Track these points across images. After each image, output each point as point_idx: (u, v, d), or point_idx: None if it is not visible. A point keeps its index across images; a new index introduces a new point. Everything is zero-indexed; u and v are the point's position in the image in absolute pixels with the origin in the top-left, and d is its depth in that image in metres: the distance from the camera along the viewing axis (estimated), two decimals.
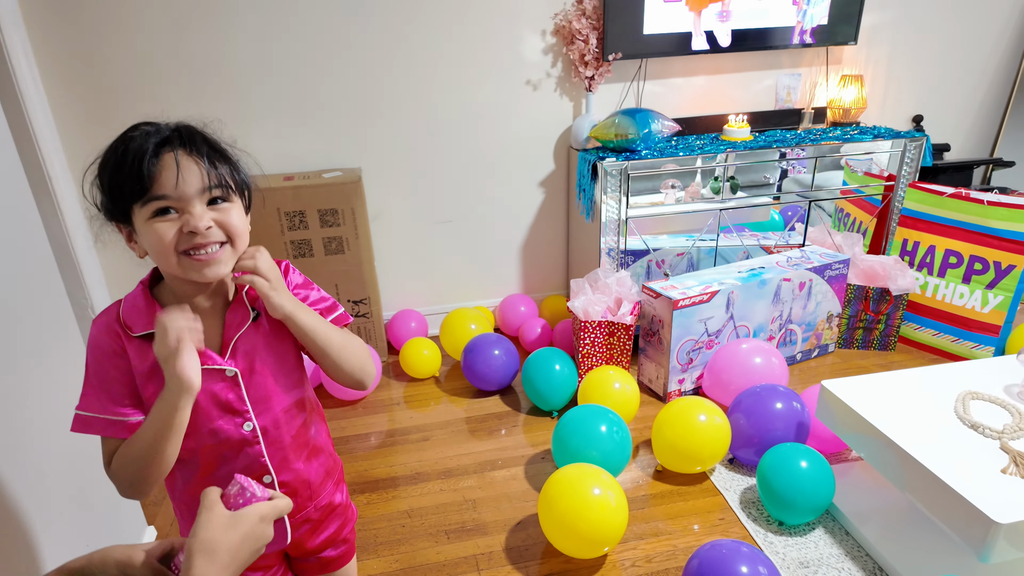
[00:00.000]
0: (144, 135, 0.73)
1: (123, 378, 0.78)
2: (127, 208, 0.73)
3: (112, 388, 0.77)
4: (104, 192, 0.74)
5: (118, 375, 0.78)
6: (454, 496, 1.74)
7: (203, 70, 2.13)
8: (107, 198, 0.74)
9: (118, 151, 0.72)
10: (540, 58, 2.35)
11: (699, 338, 2.08)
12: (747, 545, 1.31)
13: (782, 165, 2.41)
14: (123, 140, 0.73)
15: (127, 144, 0.72)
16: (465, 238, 2.59)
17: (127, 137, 0.73)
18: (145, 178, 0.71)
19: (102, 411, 0.77)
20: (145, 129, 0.74)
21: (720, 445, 1.72)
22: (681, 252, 2.41)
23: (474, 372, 2.20)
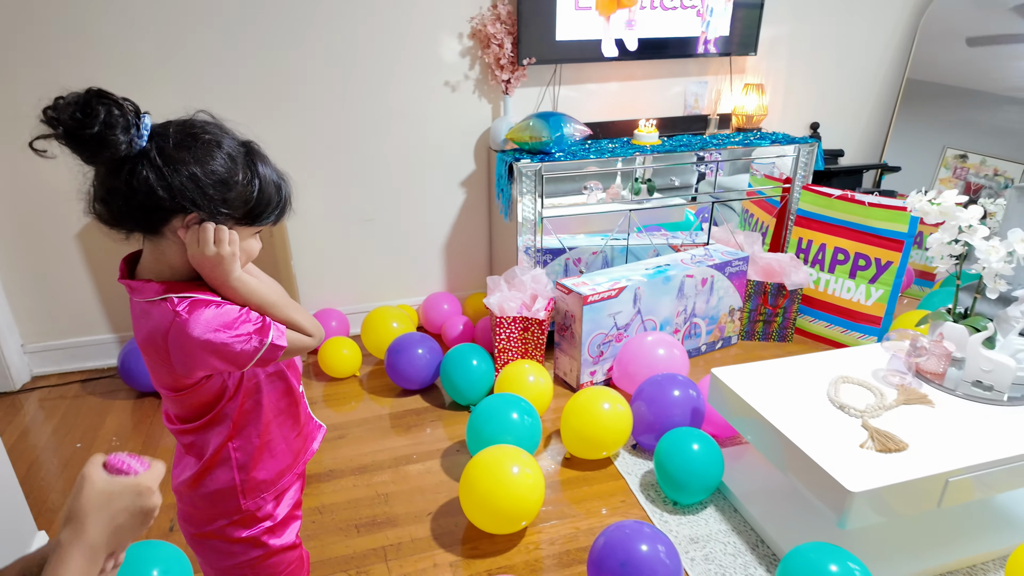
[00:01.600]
0: (279, 182, 0.88)
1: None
2: (246, 221, 0.85)
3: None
4: (239, 204, 0.82)
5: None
6: (367, 491, 1.77)
7: (104, 58, 2.06)
8: (240, 209, 0.83)
9: (267, 181, 0.85)
10: (458, 60, 2.40)
11: (609, 332, 2.18)
12: (648, 526, 1.39)
13: (699, 168, 2.54)
14: (270, 173, 0.86)
15: (276, 182, 0.87)
16: (387, 237, 2.61)
17: (277, 173, 0.88)
18: (282, 215, 0.90)
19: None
20: (279, 173, 0.89)
21: (622, 431, 1.82)
22: (596, 251, 2.51)
23: (398, 372, 2.22)
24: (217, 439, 0.90)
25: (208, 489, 0.92)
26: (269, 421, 0.94)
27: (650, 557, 1.32)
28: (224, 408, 0.89)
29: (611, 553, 1.35)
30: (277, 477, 0.97)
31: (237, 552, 0.96)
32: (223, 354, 0.81)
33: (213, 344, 0.80)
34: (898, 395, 1.59)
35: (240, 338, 0.81)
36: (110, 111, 0.72)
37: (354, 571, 1.50)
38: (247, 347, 0.82)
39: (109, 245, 2.26)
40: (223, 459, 0.91)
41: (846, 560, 1.28)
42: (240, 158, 0.82)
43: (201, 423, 0.89)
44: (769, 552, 1.56)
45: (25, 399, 2.26)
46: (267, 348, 0.83)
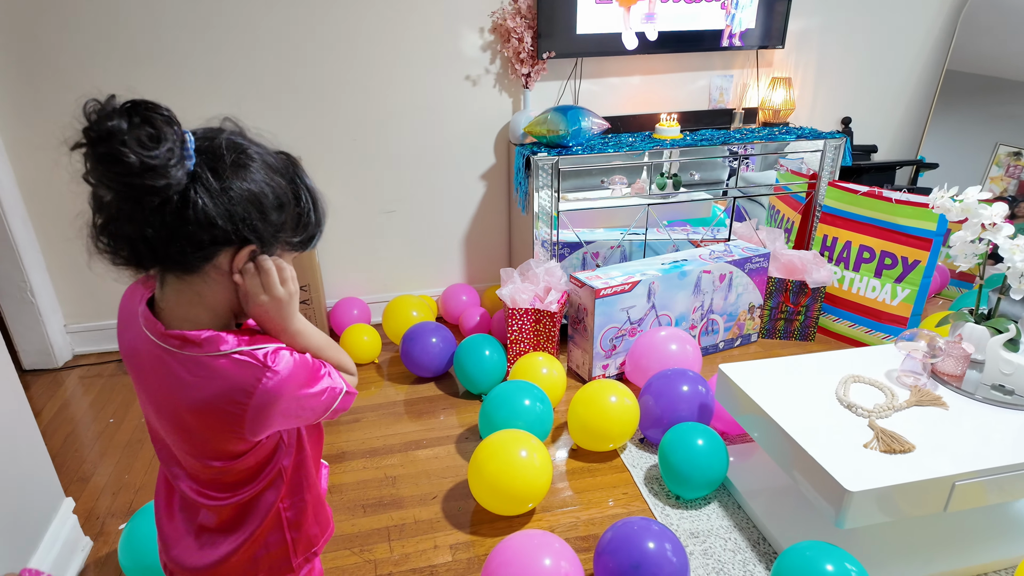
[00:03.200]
0: (319, 195, 0.78)
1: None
2: (300, 246, 0.76)
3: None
4: (293, 227, 0.73)
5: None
6: (376, 474, 1.82)
7: (135, 52, 2.16)
8: (295, 233, 0.73)
9: (317, 201, 0.76)
10: (479, 54, 2.43)
11: (622, 326, 2.18)
12: (657, 523, 1.38)
13: (731, 164, 2.51)
14: (315, 192, 0.77)
15: (320, 200, 0.78)
16: (409, 228, 2.66)
17: (317, 191, 0.77)
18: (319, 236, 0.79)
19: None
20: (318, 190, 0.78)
21: (628, 425, 1.82)
22: (614, 245, 2.51)
23: (412, 359, 2.27)
24: (269, 500, 0.78)
25: (255, 557, 0.79)
26: (311, 468, 0.84)
27: (662, 558, 1.31)
28: (280, 463, 0.78)
29: (622, 552, 1.33)
30: (325, 524, 0.89)
31: None
32: (306, 410, 0.72)
33: (301, 400, 0.70)
34: (911, 396, 1.55)
35: (322, 392, 0.73)
36: (174, 133, 0.60)
37: (358, 549, 1.55)
38: (324, 400, 0.73)
39: None
40: (274, 522, 0.80)
41: (843, 560, 1.26)
42: (287, 173, 0.72)
43: (256, 486, 0.77)
44: (770, 550, 1.55)
45: (66, 376, 2.40)
46: (342, 398, 0.76)
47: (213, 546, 0.78)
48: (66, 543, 1.48)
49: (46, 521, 1.45)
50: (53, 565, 1.42)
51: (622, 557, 1.32)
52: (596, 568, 1.37)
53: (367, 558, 1.53)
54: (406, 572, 1.49)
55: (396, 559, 1.52)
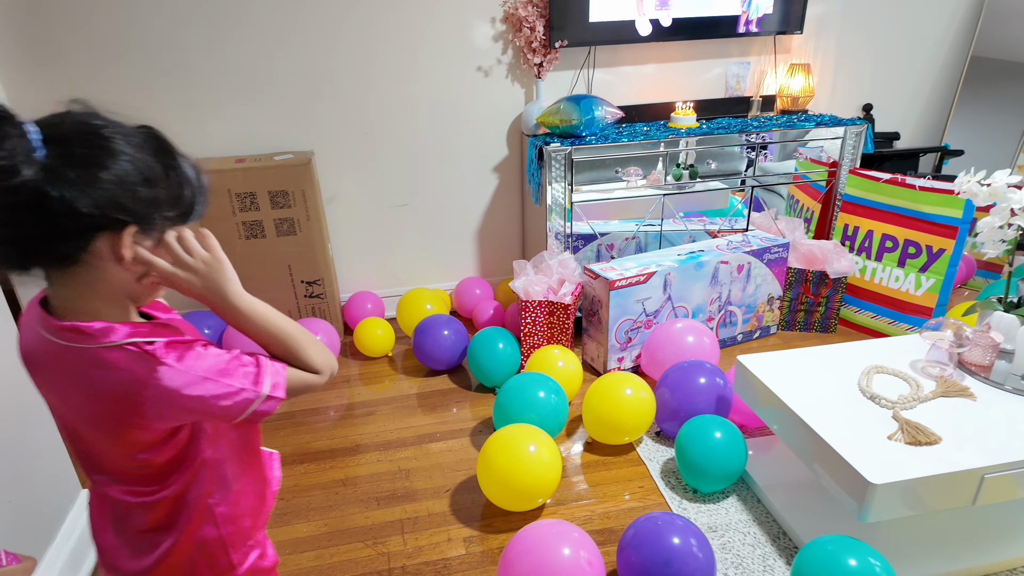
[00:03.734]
0: (193, 164, 0.73)
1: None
2: (181, 219, 0.71)
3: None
4: (171, 201, 0.69)
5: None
6: (389, 466, 1.81)
7: (154, 54, 2.17)
8: (174, 207, 0.69)
9: (189, 169, 0.71)
10: (490, 45, 2.40)
11: (637, 318, 2.15)
12: (681, 518, 1.35)
13: (748, 155, 2.46)
14: (184, 160, 0.71)
15: (195, 167, 0.72)
16: (421, 222, 2.65)
17: (188, 159, 0.71)
18: (202, 204, 0.73)
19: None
20: (190, 158, 0.73)
21: (644, 418, 1.79)
22: (628, 237, 2.48)
23: (424, 352, 2.26)
24: (197, 493, 0.75)
25: (192, 559, 0.77)
26: (240, 459, 0.81)
27: (689, 554, 1.28)
28: (202, 454, 0.74)
29: (648, 548, 1.29)
30: (260, 514, 0.86)
31: None
32: (213, 409, 0.68)
33: (205, 401, 0.67)
34: (936, 387, 1.51)
35: (232, 394, 0.69)
36: (13, 130, 0.58)
37: (371, 541, 1.55)
38: (234, 404, 0.69)
39: None
40: (205, 517, 0.77)
41: (866, 554, 1.23)
42: (149, 147, 0.67)
43: (182, 477, 0.74)
44: (790, 544, 1.51)
45: None
46: (260, 403, 0.71)
47: (150, 548, 0.76)
48: (83, 535, 1.49)
49: (62, 513, 1.46)
50: (70, 556, 1.43)
51: (650, 553, 1.28)
52: (620, 563, 1.34)
53: (380, 551, 1.52)
54: (419, 565, 1.48)
55: (409, 552, 1.51)
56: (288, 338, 0.76)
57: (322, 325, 2.31)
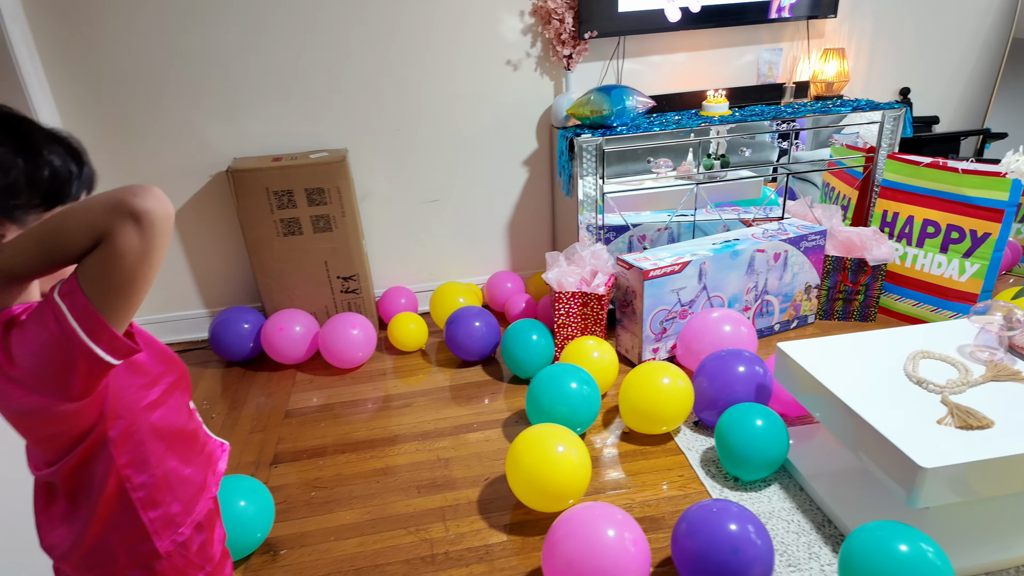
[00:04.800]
0: (64, 140, 0.69)
1: None
2: (46, 205, 0.67)
3: None
4: (28, 187, 0.65)
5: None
6: (428, 456, 1.84)
7: (195, 57, 2.23)
8: (33, 193, 0.66)
9: (53, 149, 0.67)
10: (519, 38, 2.41)
11: (672, 308, 2.14)
12: (736, 505, 1.32)
13: (779, 144, 2.43)
14: (47, 140, 0.67)
15: (63, 145, 0.68)
16: (452, 217, 2.67)
17: (57, 136, 0.68)
18: (78, 184, 0.69)
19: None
20: (61, 135, 0.69)
21: (682, 407, 1.78)
22: (661, 227, 2.46)
23: (456, 343, 2.28)
24: (102, 472, 0.71)
25: (110, 542, 0.74)
26: (170, 444, 0.78)
27: (749, 541, 1.26)
28: (103, 432, 0.70)
29: (707, 535, 1.27)
30: (190, 502, 0.81)
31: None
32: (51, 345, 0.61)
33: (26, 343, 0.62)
34: (986, 371, 1.47)
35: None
36: None
37: (413, 528, 1.57)
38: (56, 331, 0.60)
39: (203, 228, 2.46)
40: (120, 500, 0.73)
41: (918, 540, 1.20)
42: (3, 133, 0.64)
43: (76, 454, 0.69)
44: (836, 532, 1.49)
45: None
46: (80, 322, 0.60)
47: (71, 525, 0.74)
48: None
49: None
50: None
51: (713, 540, 1.25)
52: (677, 550, 1.32)
53: (423, 537, 1.54)
54: (462, 551, 1.49)
55: (452, 539, 1.53)
56: (44, 240, 0.60)
57: (358, 319, 2.34)
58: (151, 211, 0.57)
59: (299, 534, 1.57)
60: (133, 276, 0.59)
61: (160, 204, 0.58)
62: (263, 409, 2.12)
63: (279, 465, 1.83)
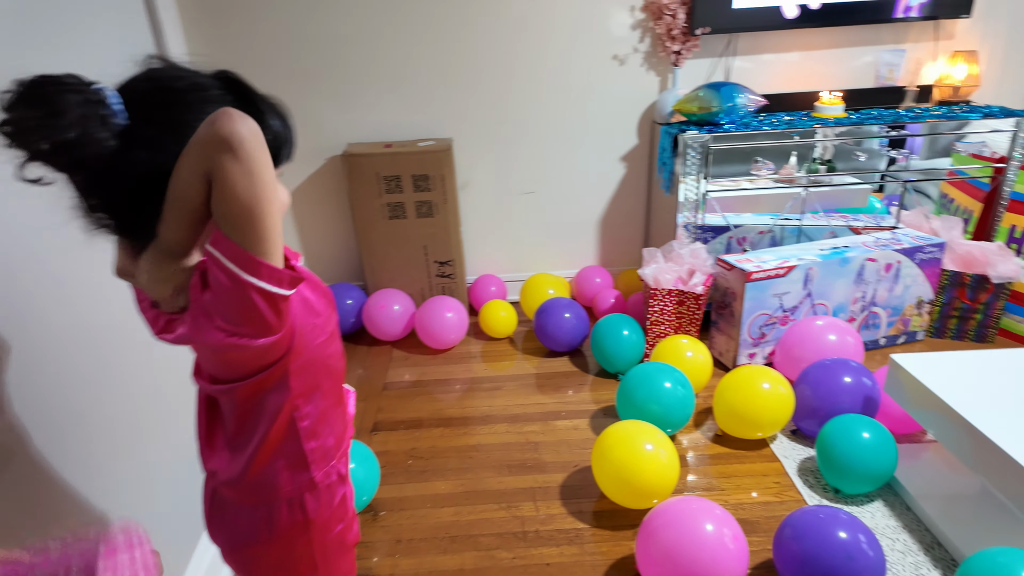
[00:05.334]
0: (279, 108, 0.74)
1: None
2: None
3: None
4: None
5: None
6: (518, 438, 1.88)
7: (319, 46, 2.36)
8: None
9: (272, 113, 0.72)
10: (627, 33, 2.41)
11: (773, 313, 2.08)
12: (845, 512, 1.29)
13: (888, 153, 2.31)
14: (266, 105, 0.71)
15: (276, 112, 0.73)
16: (546, 210, 2.70)
17: (271, 102, 0.72)
18: (288, 148, 0.75)
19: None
20: (273, 101, 0.73)
21: (782, 413, 1.74)
22: (763, 230, 2.40)
23: (545, 333, 2.32)
24: (276, 402, 0.76)
25: (276, 467, 0.79)
26: (326, 379, 0.82)
27: (861, 550, 1.22)
28: (286, 365, 0.74)
29: (815, 540, 1.24)
30: (340, 438, 0.87)
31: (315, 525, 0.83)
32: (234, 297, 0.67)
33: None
34: None
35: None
36: (83, 99, 0.57)
37: (505, 505, 1.61)
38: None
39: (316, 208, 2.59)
40: (288, 429, 0.78)
41: None
42: (230, 96, 0.67)
43: (257, 380, 0.73)
44: (947, 556, 1.41)
45: None
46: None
47: (238, 452, 0.78)
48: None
49: None
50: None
51: (824, 546, 1.22)
52: (781, 553, 1.29)
53: (514, 514, 1.58)
54: (552, 531, 1.52)
55: (542, 518, 1.57)
56: (173, 206, 0.63)
57: (453, 303, 2.42)
58: (235, 131, 0.58)
59: (398, 498, 1.65)
60: (252, 200, 0.60)
61: (241, 122, 0.59)
62: (363, 380, 2.23)
63: (378, 433, 1.93)
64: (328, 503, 0.84)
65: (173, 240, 0.65)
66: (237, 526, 0.82)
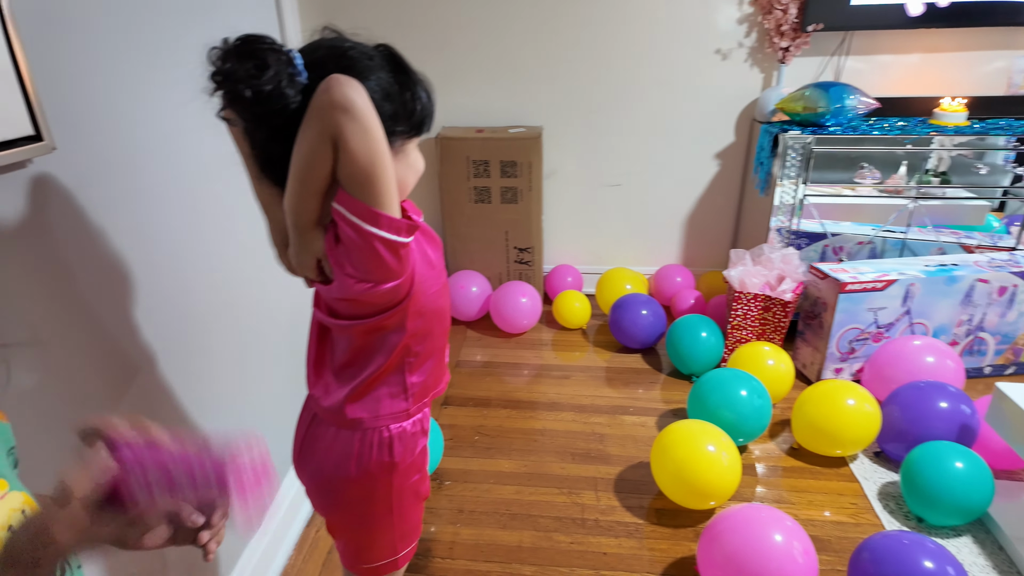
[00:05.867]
0: (423, 81, 0.79)
1: None
2: (414, 132, 0.78)
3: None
4: (406, 115, 0.76)
5: None
6: (584, 427, 1.88)
7: (426, 29, 2.44)
8: (407, 120, 0.76)
9: (421, 86, 0.78)
10: (733, 27, 2.33)
11: (866, 328, 1.97)
12: (932, 540, 1.22)
13: (1014, 169, 2.12)
14: (417, 78, 0.78)
15: (424, 85, 0.78)
16: (631, 204, 2.67)
17: (420, 76, 0.78)
18: (430, 120, 0.81)
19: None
20: (422, 75, 0.79)
21: (866, 432, 1.65)
22: (863, 241, 2.26)
23: (620, 328, 2.30)
24: (394, 341, 0.82)
25: (378, 395, 0.85)
26: (435, 324, 0.87)
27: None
28: (407, 308, 0.80)
29: (907, 569, 1.16)
30: (436, 380, 0.92)
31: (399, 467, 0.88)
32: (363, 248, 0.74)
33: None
34: None
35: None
36: (278, 58, 0.66)
37: (567, 491, 1.63)
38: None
39: None
40: (397, 364, 0.84)
41: None
42: (389, 67, 0.75)
43: (380, 319, 0.79)
44: None
45: None
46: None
47: (345, 381, 0.85)
48: None
49: None
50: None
51: (906, 575, 1.16)
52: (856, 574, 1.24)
53: (575, 500, 1.59)
54: (612, 523, 1.52)
55: (603, 508, 1.57)
56: (301, 178, 0.71)
57: (528, 289, 2.44)
58: (347, 94, 0.65)
59: (463, 470, 1.70)
60: (370, 156, 0.67)
61: (351, 86, 0.66)
62: None
63: (448, 407, 1.99)
64: (411, 449, 0.89)
65: (303, 211, 0.73)
66: (328, 457, 0.87)
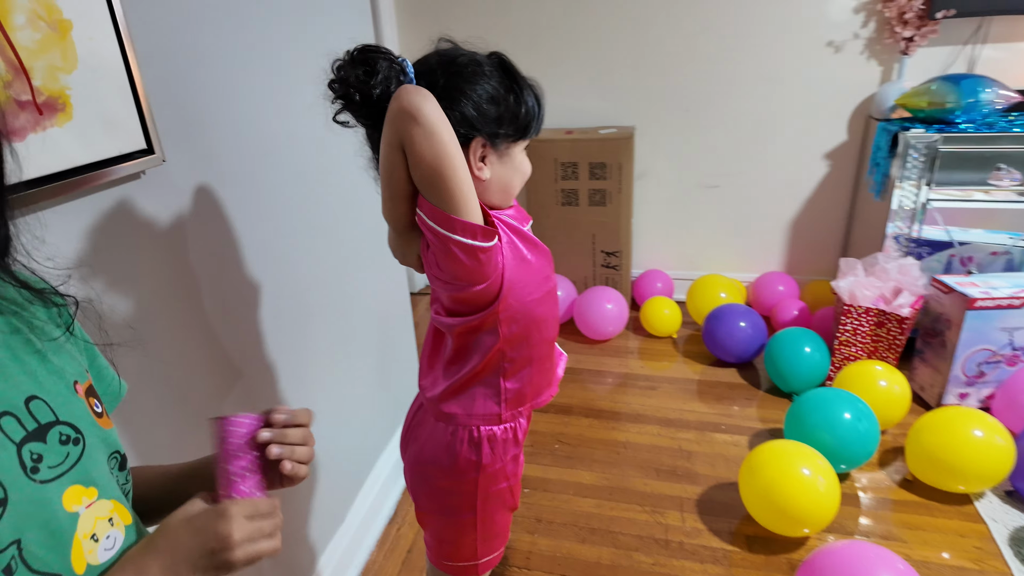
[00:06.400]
0: (533, 87, 0.83)
1: None
2: (518, 136, 0.81)
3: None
4: (511, 120, 0.79)
5: None
6: (670, 443, 1.80)
7: (521, 30, 2.44)
8: (512, 124, 0.79)
9: (529, 91, 0.81)
10: (848, 17, 2.15)
11: (999, 350, 1.75)
12: None
13: None
14: (525, 83, 0.81)
15: (533, 91, 0.82)
16: (729, 206, 2.53)
17: (529, 82, 0.82)
18: (537, 124, 0.84)
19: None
20: (531, 81, 0.83)
21: (996, 468, 1.46)
22: (997, 251, 2.01)
23: (715, 340, 2.18)
24: (488, 343, 0.84)
25: (473, 392, 0.87)
26: (536, 334, 0.87)
27: None
28: (496, 311, 0.81)
29: None
30: (537, 392, 0.91)
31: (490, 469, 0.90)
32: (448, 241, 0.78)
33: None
34: None
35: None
36: (390, 65, 0.71)
37: (650, 508, 1.56)
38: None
39: None
40: (494, 366, 0.86)
41: None
42: (498, 73, 0.79)
43: (474, 319, 0.82)
44: None
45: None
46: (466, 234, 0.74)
47: (449, 376, 0.88)
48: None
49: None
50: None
51: None
52: None
53: (658, 520, 1.52)
54: (697, 546, 1.44)
55: (687, 531, 1.49)
56: (388, 184, 0.77)
57: (614, 294, 2.38)
58: (413, 101, 0.68)
59: (542, 479, 1.67)
60: (436, 160, 0.70)
61: (418, 94, 0.69)
62: None
63: None
64: (501, 456, 0.90)
65: (396, 215, 0.79)
66: (427, 444, 0.92)
